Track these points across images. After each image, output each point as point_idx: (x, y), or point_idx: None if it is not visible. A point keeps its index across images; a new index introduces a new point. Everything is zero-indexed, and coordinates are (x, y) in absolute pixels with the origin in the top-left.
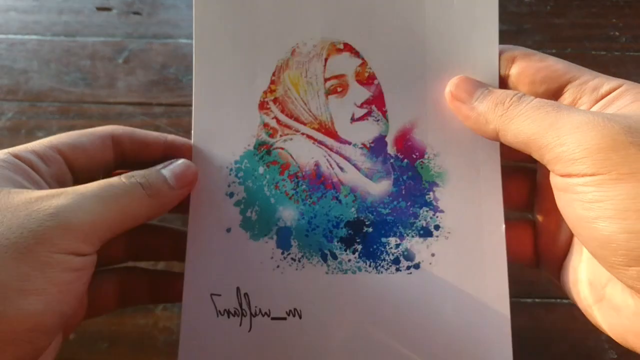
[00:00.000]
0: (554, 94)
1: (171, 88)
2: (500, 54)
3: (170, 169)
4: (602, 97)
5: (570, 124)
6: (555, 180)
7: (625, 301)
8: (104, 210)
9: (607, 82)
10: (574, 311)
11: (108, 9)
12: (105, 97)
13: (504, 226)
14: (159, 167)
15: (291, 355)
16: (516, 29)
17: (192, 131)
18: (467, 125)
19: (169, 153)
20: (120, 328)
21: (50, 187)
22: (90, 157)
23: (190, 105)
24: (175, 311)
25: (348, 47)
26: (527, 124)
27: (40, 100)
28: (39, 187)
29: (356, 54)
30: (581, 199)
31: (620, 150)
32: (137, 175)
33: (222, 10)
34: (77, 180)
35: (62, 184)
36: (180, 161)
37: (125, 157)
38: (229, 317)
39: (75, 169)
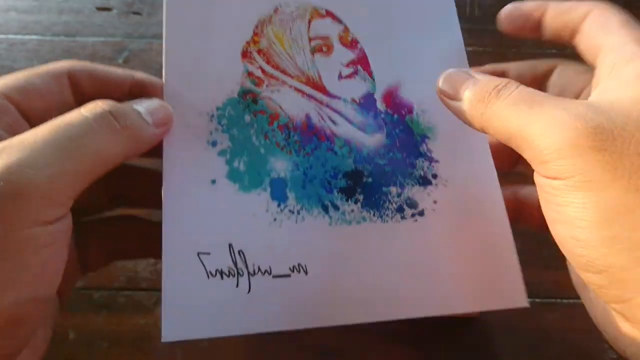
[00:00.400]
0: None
1: None
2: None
3: (144, 106)
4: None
5: (540, 123)
6: (534, 176)
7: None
8: (65, 159)
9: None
10: (574, 311)
11: (108, 9)
12: None
13: (496, 173)
14: (129, 102)
15: (297, 314)
16: None
17: (163, 71)
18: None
19: (137, 95)
20: (120, 328)
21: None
22: (47, 101)
23: None
24: None
25: (330, 14)
26: (502, 124)
27: None
28: None
29: (338, 20)
30: (547, 199)
31: (578, 157)
32: (103, 104)
33: None
34: None
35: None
36: (154, 99)
37: (85, 99)
38: (222, 277)
39: (31, 117)
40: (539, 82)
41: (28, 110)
